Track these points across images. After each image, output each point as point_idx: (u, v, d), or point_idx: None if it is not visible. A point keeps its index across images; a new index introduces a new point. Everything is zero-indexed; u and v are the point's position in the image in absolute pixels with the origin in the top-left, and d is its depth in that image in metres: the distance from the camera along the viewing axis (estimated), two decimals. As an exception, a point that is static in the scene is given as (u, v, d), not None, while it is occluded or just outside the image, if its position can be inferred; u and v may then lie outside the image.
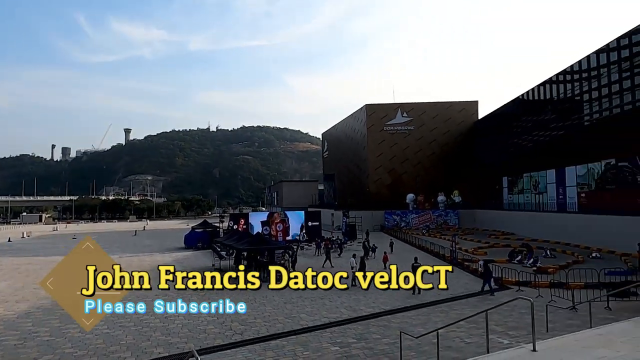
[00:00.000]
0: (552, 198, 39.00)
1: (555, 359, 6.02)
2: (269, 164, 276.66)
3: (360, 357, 10.63)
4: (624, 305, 14.23)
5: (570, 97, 36.80)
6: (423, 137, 59.28)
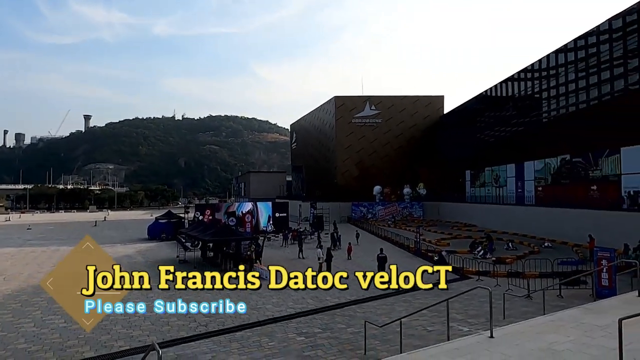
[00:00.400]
0: (512, 191, 40.58)
1: (510, 345, 6.30)
2: (237, 155, 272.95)
3: (326, 346, 10.75)
4: (574, 293, 15.06)
5: (530, 95, 38.25)
6: (390, 130, 60.06)
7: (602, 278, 14.46)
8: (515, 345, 6.26)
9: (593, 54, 30.19)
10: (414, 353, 6.45)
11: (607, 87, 28.94)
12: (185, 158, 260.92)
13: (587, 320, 7.48)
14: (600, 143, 29.22)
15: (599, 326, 7.03)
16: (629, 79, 27.11)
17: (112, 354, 10.48)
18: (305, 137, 79.75)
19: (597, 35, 29.87)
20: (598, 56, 29.68)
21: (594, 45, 30.16)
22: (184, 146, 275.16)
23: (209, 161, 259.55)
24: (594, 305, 9.11)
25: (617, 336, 5.00)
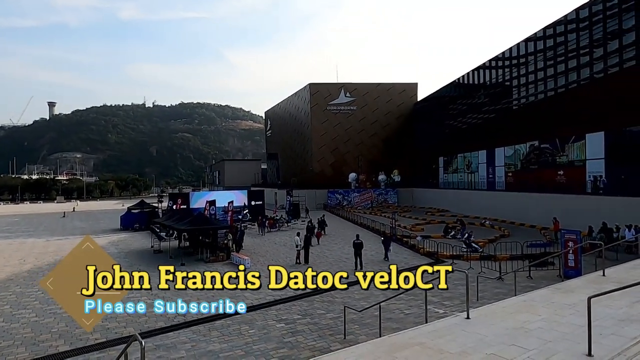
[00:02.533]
0: (483, 177, 41.67)
1: (486, 325, 6.54)
2: (210, 143, 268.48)
3: (306, 332, 10.87)
4: (542, 274, 15.72)
5: (501, 82, 39.08)
6: (365, 118, 60.32)
7: (569, 259, 15.14)
8: (490, 325, 6.51)
9: (561, 43, 31.03)
10: (393, 336, 6.61)
11: (574, 75, 29.87)
12: (157, 146, 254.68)
13: (557, 299, 7.84)
14: (567, 130, 30.28)
15: (567, 305, 7.38)
16: (594, 67, 28.04)
17: (88, 347, 10.29)
18: (280, 125, 79.16)
19: (565, 25, 30.68)
20: (566, 45, 30.53)
21: (561, 35, 30.98)
22: (156, 134, 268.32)
23: (182, 149, 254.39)
24: (562, 285, 9.54)
25: (586, 314, 5.26)
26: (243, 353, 9.59)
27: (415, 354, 5.46)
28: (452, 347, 5.66)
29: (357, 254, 18.95)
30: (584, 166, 28.91)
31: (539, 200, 30.35)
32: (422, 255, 21.13)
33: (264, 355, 9.43)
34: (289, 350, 9.62)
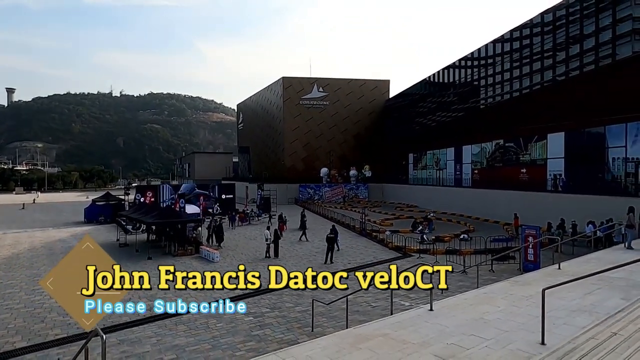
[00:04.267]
0: (451, 174, 42.72)
1: (448, 316, 6.78)
2: (180, 134, 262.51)
3: (274, 325, 10.92)
4: (504, 267, 16.36)
5: (470, 82, 40.07)
6: (337, 113, 60.56)
7: (529, 253, 15.80)
8: (452, 317, 6.75)
9: (526, 46, 32.09)
10: (359, 327, 6.75)
11: (537, 77, 30.98)
12: (124, 137, 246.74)
13: (515, 291, 8.20)
14: (530, 129, 31.43)
15: (524, 296, 7.74)
16: (557, 70, 29.19)
17: (47, 343, 9.98)
18: (252, 118, 78.36)
19: (530, 28, 31.73)
20: (531, 47, 31.60)
21: (527, 37, 32.04)
22: (123, 124, 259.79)
23: (150, 141, 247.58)
24: (520, 278, 9.97)
25: (540, 304, 5.54)
26: (210, 347, 9.55)
27: (379, 345, 5.60)
28: (414, 337, 5.85)
29: (329, 249, 19.10)
30: (545, 165, 30.12)
31: (503, 197, 31.45)
32: (391, 249, 21.52)
33: (231, 348, 9.42)
34: (257, 343, 9.65)
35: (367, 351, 5.41)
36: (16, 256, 20.92)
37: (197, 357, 9.01)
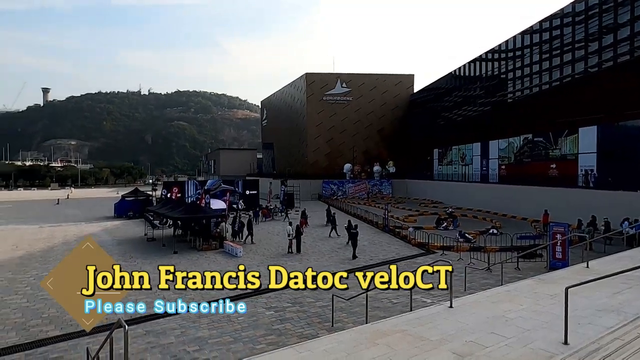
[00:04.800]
0: (477, 169, 41.88)
1: (468, 313, 6.68)
2: (206, 131, 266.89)
3: (295, 319, 11.02)
4: (530, 265, 15.94)
5: (497, 75, 39.10)
6: (361, 108, 60.20)
7: (556, 251, 15.35)
8: (472, 314, 6.64)
9: (556, 37, 31.03)
10: (377, 323, 6.73)
11: (568, 69, 29.95)
12: (152, 134, 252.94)
13: (539, 290, 7.99)
14: (560, 123, 30.42)
15: (549, 295, 7.53)
16: (589, 61, 28.12)
17: (78, 332, 10.37)
18: (276, 114, 78.85)
19: (561, 18, 30.66)
20: (561, 39, 30.55)
21: (557, 28, 30.97)
22: (151, 122, 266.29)
23: (177, 138, 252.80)
24: (546, 276, 9.71)
25: (564, 303, 5.39)
26: (231, 339, 9.73)
27: (397, 341, 5.58)
28: (432, 334, 5.79)
29: (354, 244, 19.12)
30: (576, 160, 29.12)
31: (531, 193, 30.60)
32: (413, 246, 21.31)
33: (252, 341, 9.57)
34: (277, 337, 9.77)
35: (385, 347, 5.40)
36: (51, 249, 21.82)
37: (219, 349, 9.20)
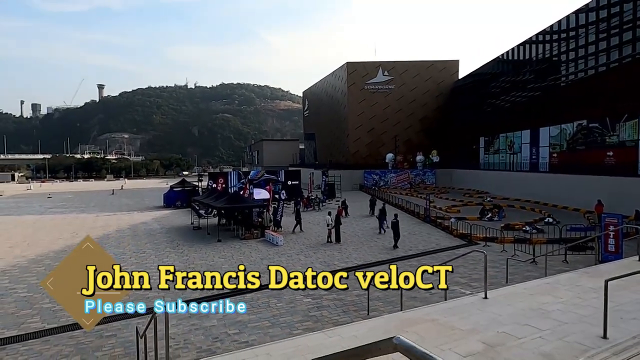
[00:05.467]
0: (526, 158, 40.03)
1: (503, 305, 6.54)
2: (250, 123, 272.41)
3: (331, 307, 11.22)
4: (579, 258, 15.18)
5: (548, 58, 36.99)
6: (403, 97, 59.07)
7: (609, 244, 14.52)
8: (507, 306, 6.50)
9: (615, 14, 28.85)
10: (409, 311, 6.75)
11: (628, 49, 27.82)
12: (199, 127, 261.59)
13: (582, 283, 7.66)
14: (619, 108, 28.40)
15: (592, 288, 7.20)
16: (652, 40, 25.99)
17: (130, 314, 11.10)
18: (317, 105, 79.05)
19: (620, -6, 28.45)
20: (620, 16, 28.38)
21: (616, 4, 28.78)
22: (197, 115, 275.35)
23: (222, 130, 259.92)
24: (591, 269, 9.26)
25: (609, 297, 5.17)
26: (270, 324, 10.07)
27: (426, 329, 5.59)
28: (463, 324, 5.74)
29: (396, 235, 19.03)
30: (636, 147, 27.14)
31: (585, 183, 28.92)
32: (455, 237, 20.88)
33: (289, 326, 9.87)
34: (313, 324, 10.01)
35: (413, 334, 5.42)
36: (106, 237, 23.34)
37: (258, 333, 9.57)
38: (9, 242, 21.77)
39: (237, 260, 16.70)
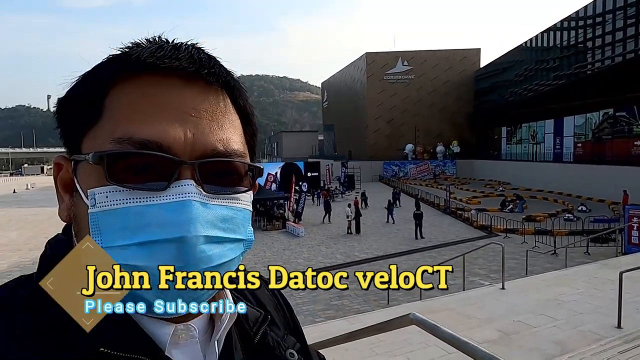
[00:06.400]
0: (549, 148, 39.34)
1: (520, 295, 6.74)
2: (269, 114, 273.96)
3: (352, 296, 11.57)
4: (602, 250, 15.06)
5: (574, 45, 36.05)
6: (423, 87, 58.46)
7: (632, 235, 14.38)
8: (524, 296, 6.70)
9: (645, -1, 27.93)
10: (426, 301, 7.03)
11: (658, 35, 26.96)
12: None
13: (600, 274, 7.76)
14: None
15: (610, 280, 7.29)
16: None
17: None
18: (336, 95, 78.97)
19: (650, -23, 27.50)
20: (650, 0, 27.47)
21: (646, -11, 27.84)
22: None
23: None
24: (610, 261, 9.31)
25: (626, 289, 5.34)
26: (293, 312, 10.49)
27: (442, 318, 5.84)
28: (480, 313, 5.99)
29: (417, 224, 19.20)
30: (666, 136, 26.44)
31: (611, 173, 28.29)
32: (475, 228, 20.90)
33: (312, 315, 10.26)
34: (335, 312, 10.38)
35: (432, 323, 5.69)
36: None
37: (282, 321, 10.00)
38: (44, 233, 22.87)
39: (260, 251, 17.21)
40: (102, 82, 0.50)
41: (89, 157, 0.47)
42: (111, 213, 0.48)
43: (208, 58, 0.53)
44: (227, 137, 0.53)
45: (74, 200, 0.53)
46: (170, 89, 0.50)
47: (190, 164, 0.48)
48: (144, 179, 0.47)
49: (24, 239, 21.32)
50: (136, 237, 0.48)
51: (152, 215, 0.47)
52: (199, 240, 0.49)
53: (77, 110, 0.51)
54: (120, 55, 0.52)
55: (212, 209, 0.50)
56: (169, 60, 0.49)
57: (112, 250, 0.50)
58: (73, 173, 0.52)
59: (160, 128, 0.47)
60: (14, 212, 32.21)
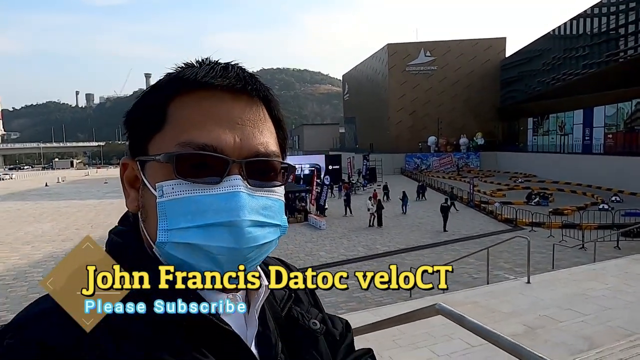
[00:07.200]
0: (578, 139, 38.16)
1: (546, 289, 6.63)
2: (290, 108, 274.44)
3: (374, 289, 11.42)
4: (633, 244, 14.62)
5: (605, 32, 34.69)
6: (446, 78, 57.36)
7: (666, 230, 13.88)
8: (550, 290, 6.59)
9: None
10: (449, 294, 7.00)
11: (696, 20, 25.67)
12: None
13: (631, 269, 7.55)
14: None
15: (641, 275, 7.12)
16: None
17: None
18: (357, 88, 78.40)
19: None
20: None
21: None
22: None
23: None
24: (641, 255, 9.04)
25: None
26: (315, 304, 10.61)
27: (466, 311, 5.76)
28: (505, 307, 5.93)
29: (444, 219, 19.08)
30: (703, 126, 25.26)
31: (643, 165, 27.31)
32: (500, 222, 20.56)
33: (334, 306, 10.35)
34: (357, 304, 10.45)
35: (455, 316, 5.68)
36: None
37: (305, 312, 10.13)
38: (75, 225, 23.74)
39: (283, 243, 17.38)
40: (166, 97, 0.62)
41: (160, 157, 0.60)
42: (176, 201, 0.60)
43: (250, 76, 0.67)
44: (266, 141, 0.65)
45: (142, 193, 0.65)
46: (221, 102, 0.62)
47: (238, 163, 0.61)
48: (203, 175, 0.60)
49: (57, 231, 22.14)
50: (196, 220, 0.59)
51: (209, 203, 0.59)
52: (246, 224, 0.60)
53: (144, 119, 0.64)
54: (179, 74, 0.63)
55: (256, 198, 0.62)
56: (220, 79, 0.62)
57: (176, 231, 0.60)
58: (140, 171, 0.64)
59: (215, 134, 0.60)
60: (47, 205, 33.45)
